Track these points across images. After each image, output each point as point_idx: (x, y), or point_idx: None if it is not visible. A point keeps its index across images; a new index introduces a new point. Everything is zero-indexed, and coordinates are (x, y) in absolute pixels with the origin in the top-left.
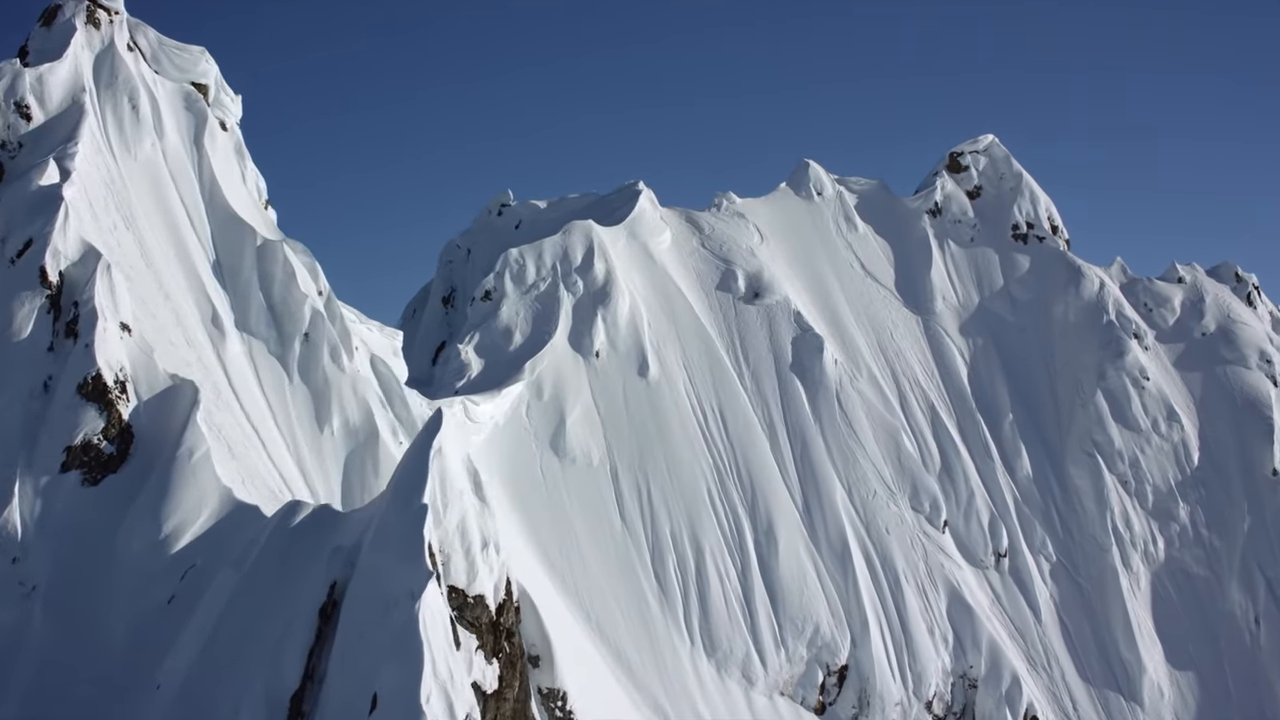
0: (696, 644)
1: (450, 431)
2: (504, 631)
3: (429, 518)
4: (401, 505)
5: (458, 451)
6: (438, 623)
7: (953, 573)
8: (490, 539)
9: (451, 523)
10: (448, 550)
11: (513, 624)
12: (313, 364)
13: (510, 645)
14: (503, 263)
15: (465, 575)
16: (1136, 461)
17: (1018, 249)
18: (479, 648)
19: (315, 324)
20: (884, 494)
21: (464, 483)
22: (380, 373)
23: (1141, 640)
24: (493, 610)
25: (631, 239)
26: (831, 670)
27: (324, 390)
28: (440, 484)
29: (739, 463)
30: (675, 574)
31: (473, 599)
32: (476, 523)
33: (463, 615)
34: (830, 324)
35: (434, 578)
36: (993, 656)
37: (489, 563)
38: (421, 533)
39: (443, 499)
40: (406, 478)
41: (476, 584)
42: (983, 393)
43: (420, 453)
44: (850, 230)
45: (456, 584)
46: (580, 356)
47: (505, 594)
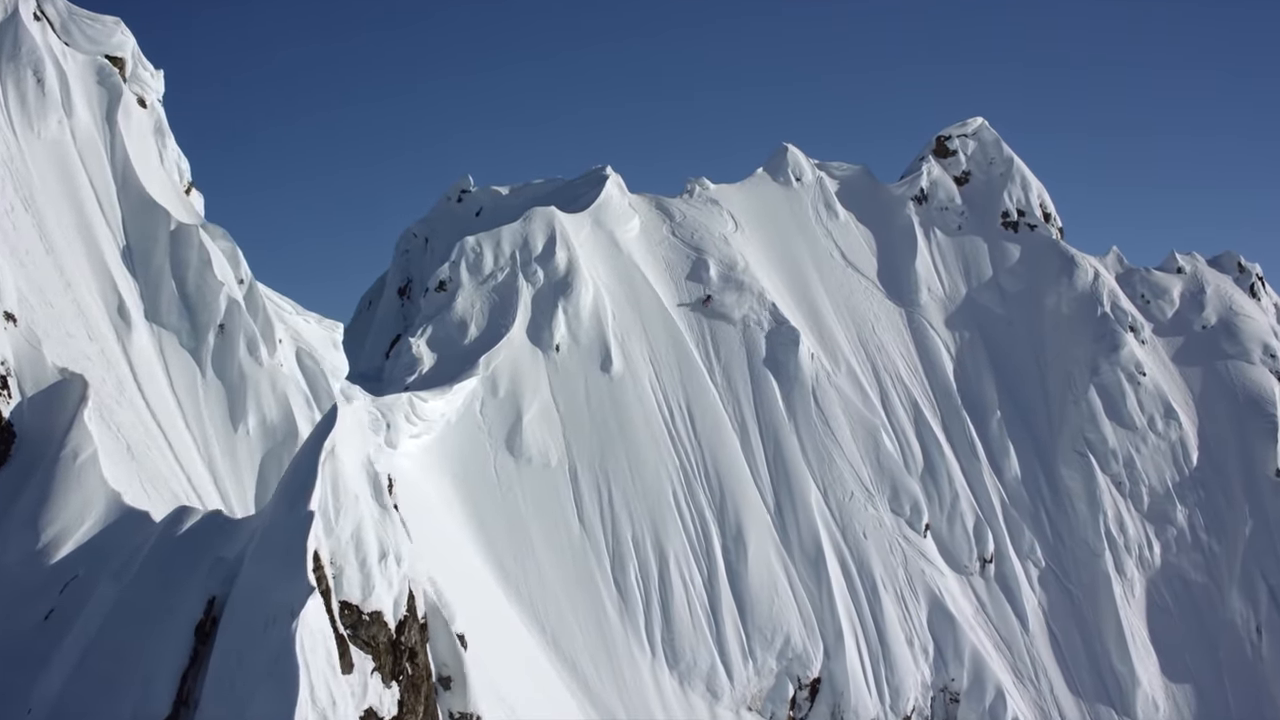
0: (658, 655)
1: (347, 430)
2: (406, 651)
3: (315, 526)
4: (285, 512)
5: (356, 453)
6: (318, 643)
7: (934, 579)
8: (390, 549)
9: (345, 532)
10: (340, 562)
11: (416, 643)
12: (227, 357)
13: (414, 666)
14: (458, 251)
15: (360, 590)
16: (1131, 461)
17: (1008, 237)
18: (376, 670)
19: (231, 314)
20: (862, 496)
21: (362, 487)
22: (307, 367)
23: (1135, 651)
24: (392, 628)
25: (596, 226)
26: (803, 683)
27: (239, 386)
28: (332, 489)
29: (707, 463)
30: (636, 581)
31: (368, 616)
32: (375, 532)
33: (357, 634)
34: (808, 316)
35: (315, 593)
36: (976, 668)
37: (388, 576)
38: (305, 543)
39: (335, 505)
40: (293, 482)
41: (373, 599)
42: (969, 389)
43: (309, 454)
44: (831, 218)
45: (350, 599)
46: (539, 350)
47: (408, 610)
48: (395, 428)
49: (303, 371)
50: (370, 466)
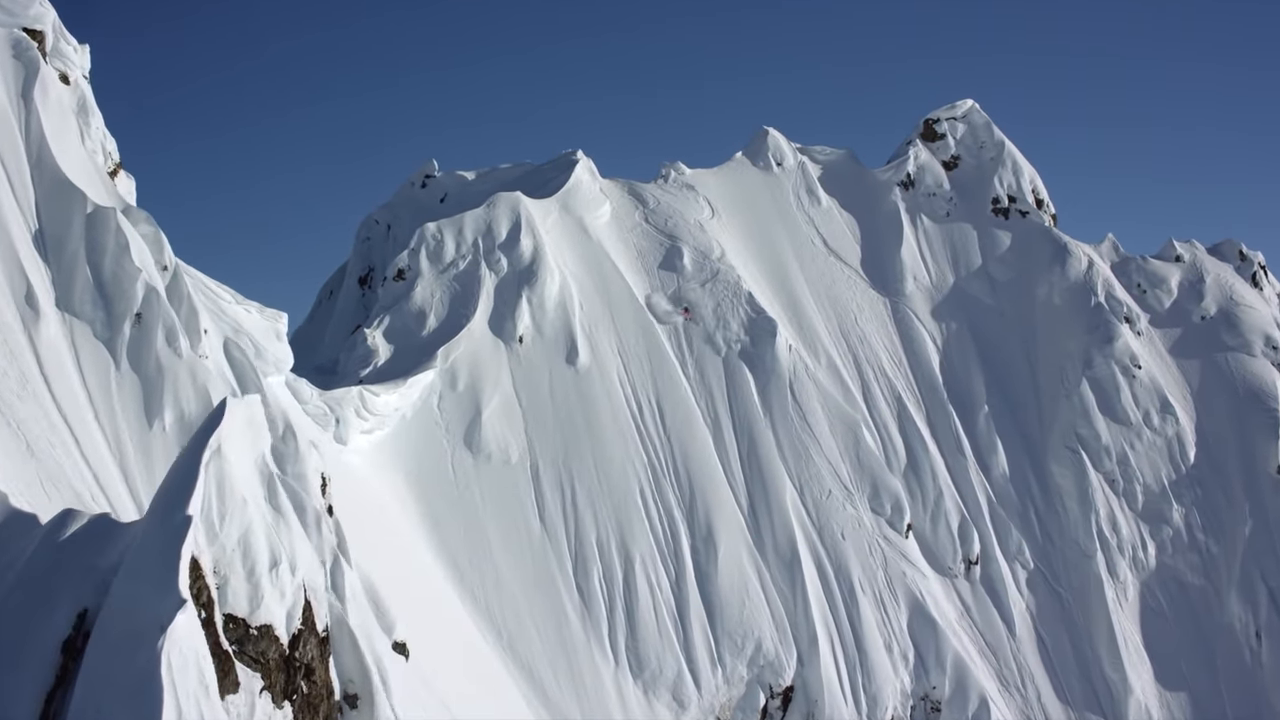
0: (621, 663)
1: (238, 427)
2: (301, 668)
3: (193, 533)
4: (161, 518)
5: (248, 452)
6: (189, 662)
7: (916, 582)
8: (284, 556)
9: (230, 538)
10: (225, 572)
11: (314, 659)
12: (144, 348)
13: (311, 684)
14: (418, 239)
15: (247, 601)
16: (1125, 458)
17: (998, 224)
18: (265, 689)
19: (150, 303)
20: (840, 494)
21: (254, 490)
22: (235, 359)
23: (1128, 657)
24: (285, 643)
25: (565, 212)
26: (775, 692)
27: (156, 379)
28: (217, 492)
29: (677, 460)
30: (600, 585)
31: (257, 630)
32: (266, 538)
33: (244, 650)
34: (787, 306)
35: (188, 606)
36: (958, 676)
37: (280, 585)
38: (178, 551)
39: (219, 510)
40: (172, 485)
41: (261, 612)
42: (956, 382)
43: (190, 454)
44: (813, 204)
45: (236, 612)
46: (501, 342)
47: (303, 623)
48: (345, 423)
49: (230, 364)
50: (266, 466)
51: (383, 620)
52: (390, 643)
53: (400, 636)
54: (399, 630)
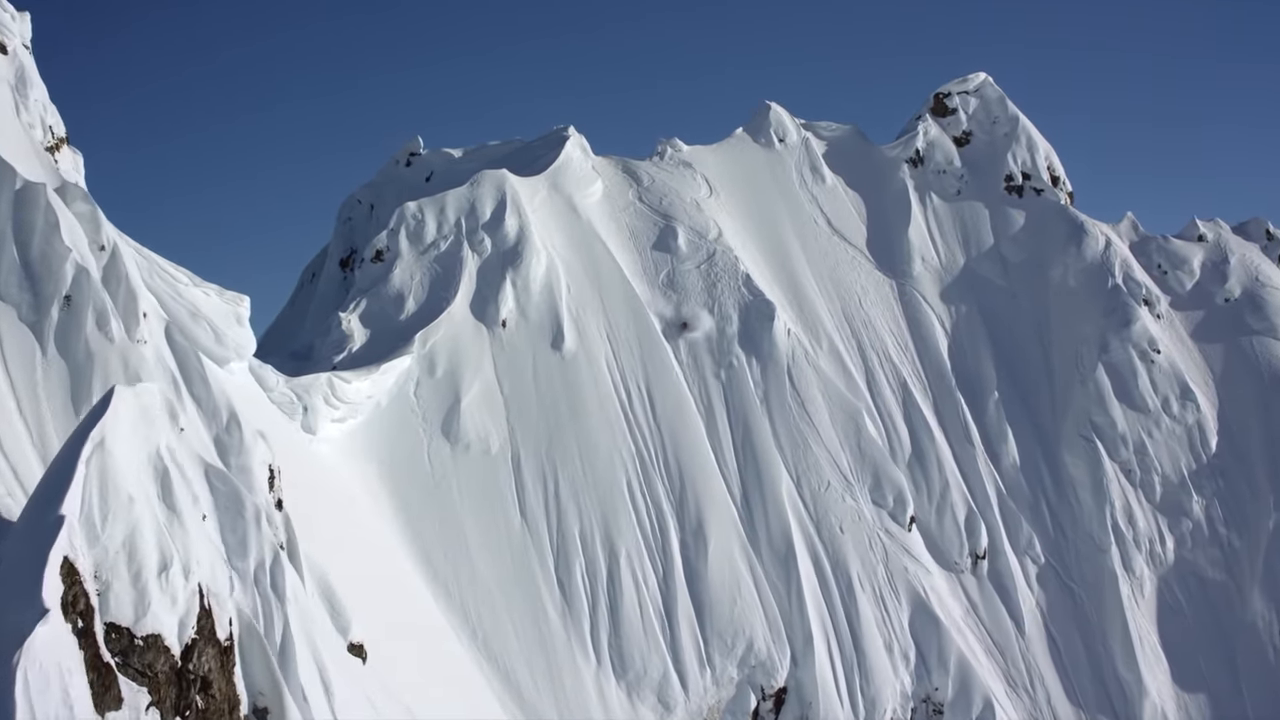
0: (604, 663)
1: (127, 419)
2: (196, 681)
3: (66, 535)
4: (34, 519)
5: (139, 446)
6: (50, 680)
7: (919, 578)
8: (176, 559)
9: (114, 540)
10: (107, 577)
11: (212, 670)
12: (73, 333)
13: (208, 698)
14: (398, 218)
15: (132, 609)
16: (1143, 447)
17: (1011, 203)
18: (153, 704)
19: (80, 285)
20: (839, 486)
21: (145, 487)
22: (178, 344)
23: (1143, 656)
24: (176, 653)
25: (554, 191)
26: (767, 694)
27: (85, 365)
28: (99, 489)
29: (667, 450)
30: (582, 581)
31: (143, 640)
32: (155, 539)
33: (128, 662)
34: (787, 289)
35: (52, 615)
36: (962, 676)
37: (170, 591)
38: (47, 555)
39: (101, 509)
40: (49, 482)
41: (149, 620)
42: (965, 368)
43: (70, 449)
44: (816, 182)
45: (119, 621)
46: (483, 326)
47: (198, 631)
48: (313, 410)
49: (172, 349)
50: (161, 461)
51: (337, 620)
52: (345, 644)
53: (357, 638)
54: (355, 631)
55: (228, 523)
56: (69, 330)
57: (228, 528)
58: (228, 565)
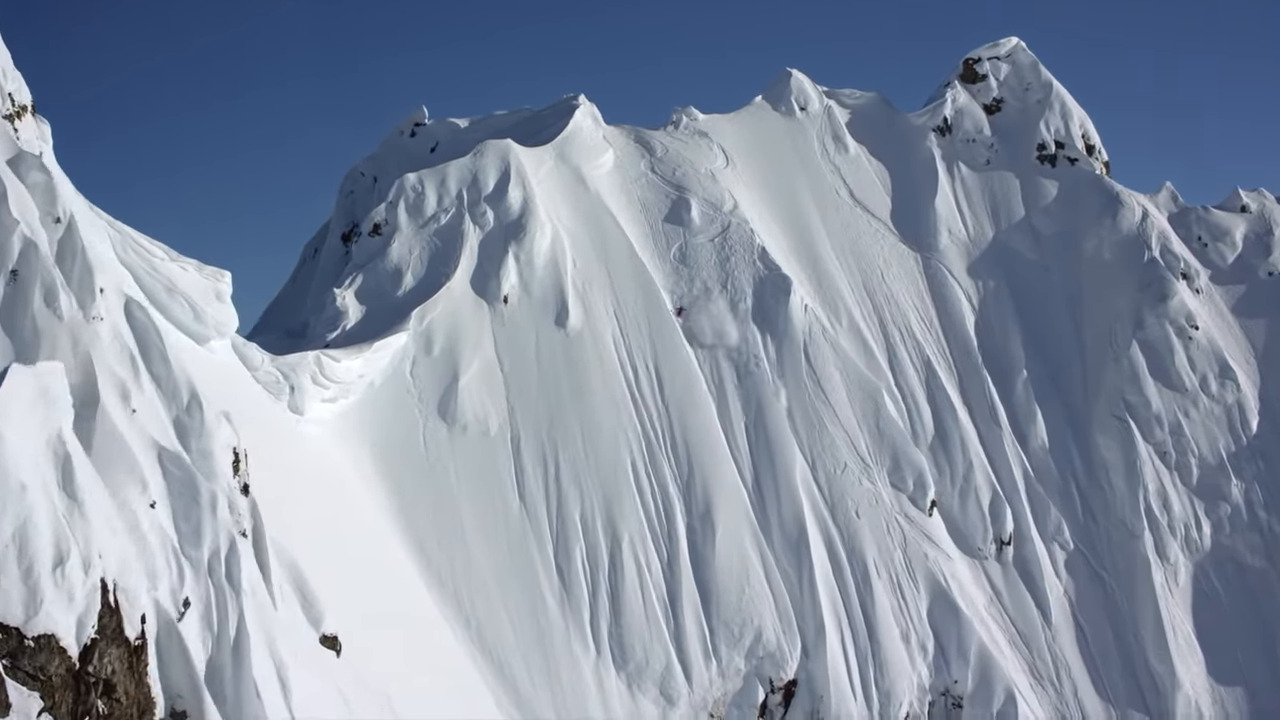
0: (603, 654)
1: (20, 403)
2: (97, 684)
3: None
4: None
5: (34, 431)
6: None
7: (939, 564)
8: (75, 552)
9: (3, 532)
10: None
11: (117, 672)
12: (19, 310)
13: (112, 703)
14: (397, 190)
15: (22, 607)
16: (1179, 428)
17: (1044, 173)
18: (46, 710)
19: (27, 259)
20: (856, 468)
21: (39, 474)
22: (137, 321)
23: (1176, 648)
24: (74, 654)
25: (561, 161)
26: (775, 686)
27: (31, 343)
28: None
29: (674, 431)
30: (583, 568)
31: (34, 641)
32: (51, 531)
33: (18, 665)
34: (805, 262)
35: None
36: (983, 668)
37: (67, 587)
38: None
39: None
40: None
41: (41, 619)
42: (992, 345)
43: None
44: (839, 151)
45: (7, 621)
46: (484, 302)
47: (99, 630)
48: (300, 390)
49: (132, 326)
50: (63, 445)
51: (309, 611)
52: (317, 636)
53: (330, 629)
54: (329, 623)
55: (181, 509)
56: (15, 307)
57: (180, 515)
58: (178, 556)
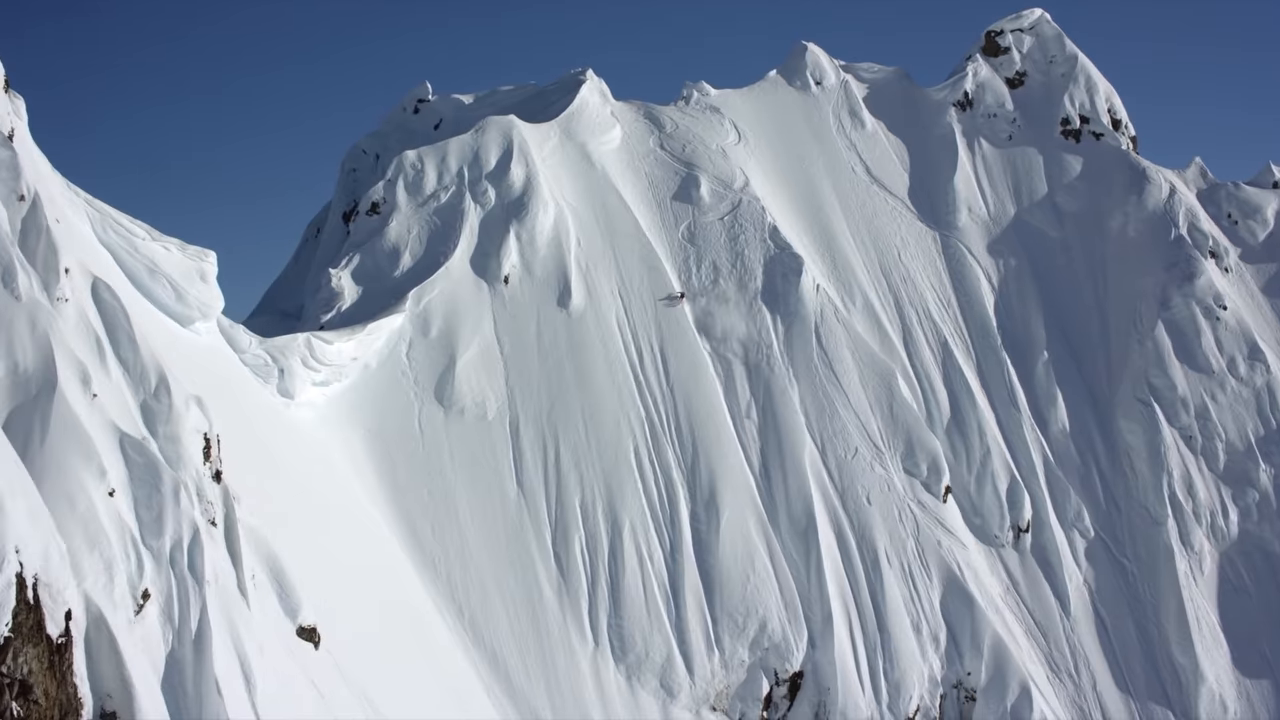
0: (602, 645)
1: None
2: (12, 684)
3: None
4: None
5: None
6: None
7: (953, 553)
8: None
9: None
10: None
11: (34, 671)
12: None
13: (28, 704)
14: (396, 168)
15: None
16: (1205, 411)
17: (1068, 148)
18: None
19: None
20: (868, 453)
21: None
22: (105, 303)
23: (1200, 639)
24: None
25: (566, 138)
26: (781, 679)
27: None
28: None
29: (679, 414)
30: (581, 556)
31: None
32: None
33: None
34: (818, 241)
35: None
36: (997, 659)
37: None
38: None
39: None
40: None
41: None
42: (1012, 325)
43: None
44: (856, 127)
45: None
46: (484, 283)
47: (14, 628)
48: (290, 373)
49: (99, 308)
50: None
51: (285, 602)
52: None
53: (309, 620)
54: (306, 613)
55: (142, 497)
56: None
57: (142, 503)
58: (137, 546)
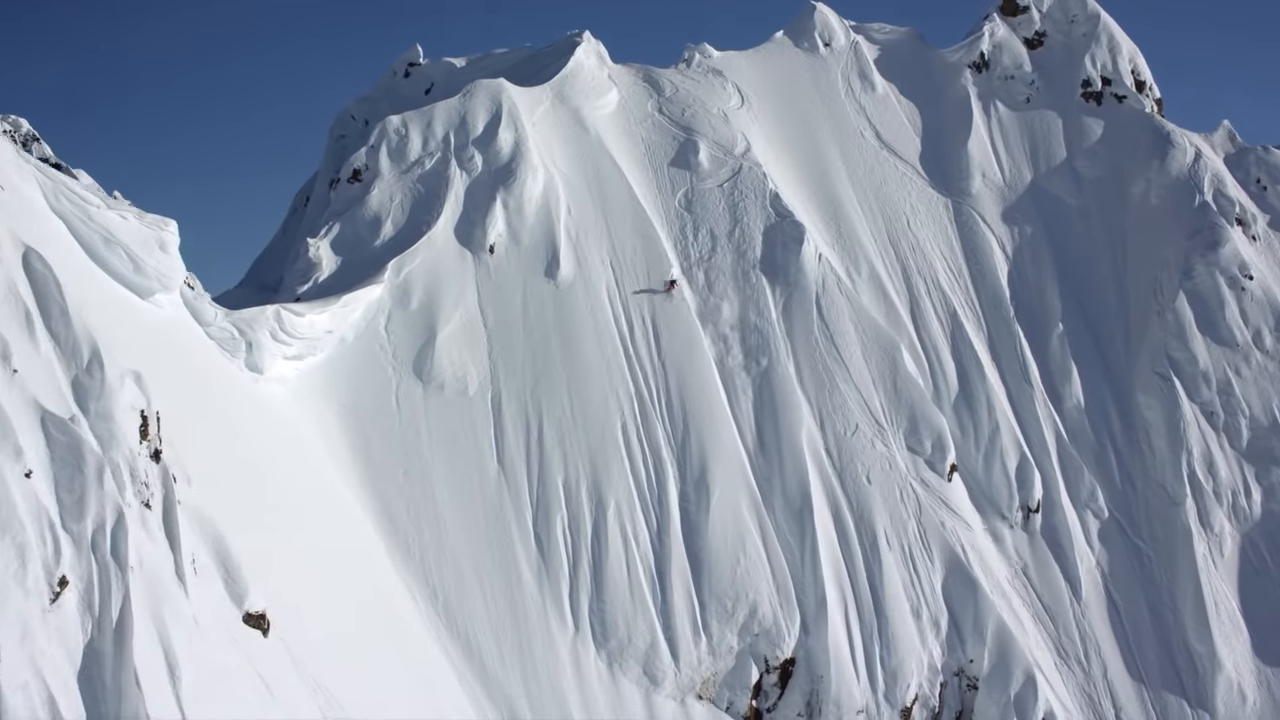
0: (582, 630)
1: None
2: None
3: None
4: None
5: None
6: None
7: (956, 534)
8: None
9: None
10: None
11: None
12: None
13: None
14: (379, 134)
15: None
16: (1228, 386)
17: (1089, 111)
18: None
19: None
20: (869, 430)
21: None
22: (36, 273)
23: (1219, 625)
24: None
25: (559, 102)
26: (771, 666)
27: None
28: None
29: (670, 389)
30: (564, 537)
31: None
32: None
33: None
34: (823, 209)
35: None
36: (1000, 647)
37: None
38: None
39: None
40: None
41: None
42: (1026, 296)
43: None
44: (866, 90)
45: None
46: (468, 253)
47: None
48: (258, 347)
49: (30, 278)
50: None
51: (231, 587)
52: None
53: (258, 606)
54: (255, 600)
55: (64, 479)
56: None
57: (63, 485)
58: (54, 530)
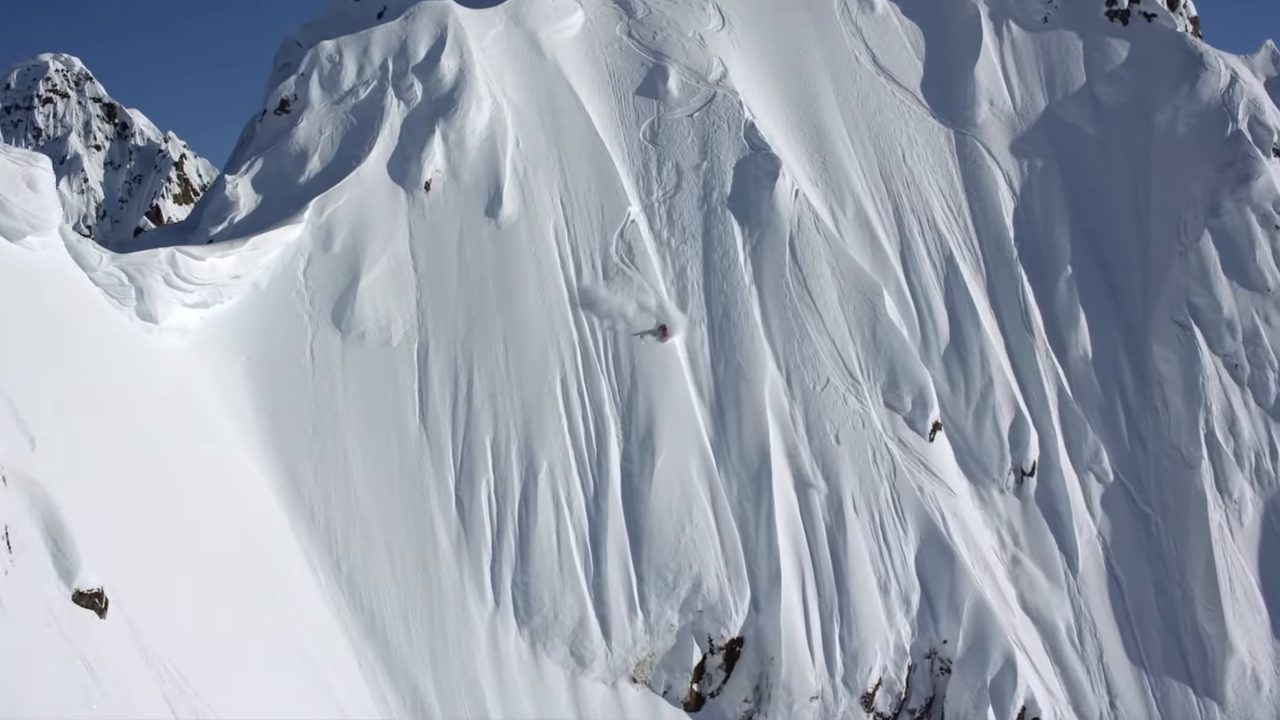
0: (503, 606)
1: None
2: None
3: None
4: None
5: None
6: None
7: (935, 499)
8: None
9: None
10: None
11: None
12: None
13: None
14: (310, 60)
15: None
16: (1256, 336)
17: (1114, 32)
18: None
19: None
20: (842, 383)
21: None
22: None
23: (1233, 603)
24: None
25: (514, 25)
26: (716, 646)
27: None
28: None
29: (619, 339)
30: (488, 502)
31: None
32: None
33: None
34: (807, 141)
35: None
36: (978, 625)
37: None
38: None
39: None
40: None
41: None
42: (1032, 237)
43: None
44: (864, 11)
45: None
46: (401, 190)
47: None
48: (150, 294)
49: None
50: None
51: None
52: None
53: (90, 584)
54: (87, 576)
55: None
56: None
57: None
58: None
